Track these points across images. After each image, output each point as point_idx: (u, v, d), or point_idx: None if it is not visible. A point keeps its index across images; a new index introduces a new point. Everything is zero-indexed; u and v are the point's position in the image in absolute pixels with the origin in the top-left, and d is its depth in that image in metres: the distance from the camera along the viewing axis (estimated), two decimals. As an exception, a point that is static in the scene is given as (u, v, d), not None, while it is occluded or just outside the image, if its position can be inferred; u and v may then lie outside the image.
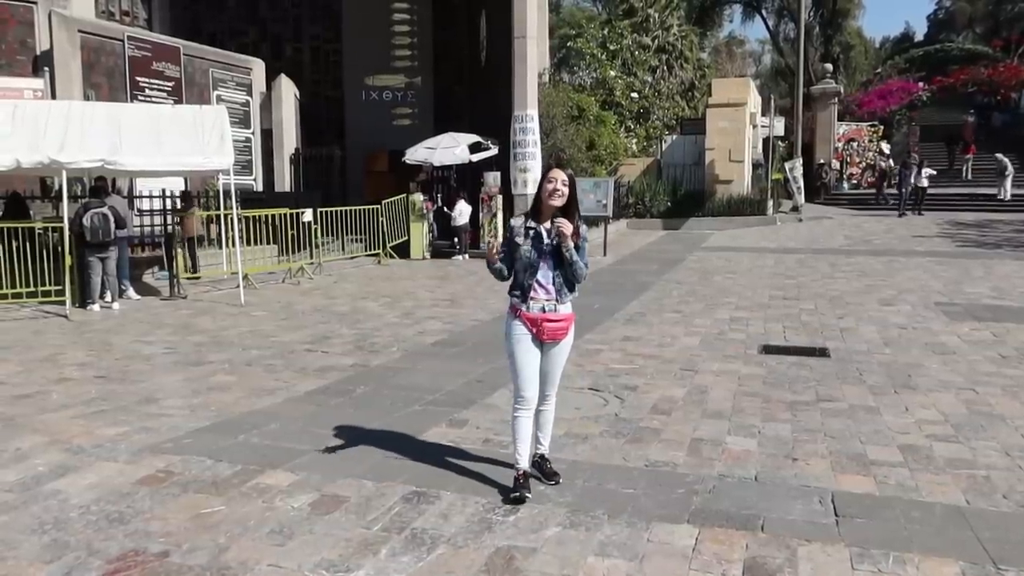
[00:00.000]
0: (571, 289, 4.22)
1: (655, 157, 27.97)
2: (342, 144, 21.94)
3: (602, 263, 16.12)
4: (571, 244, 4.06)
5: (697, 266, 15.42)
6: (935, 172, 26.55)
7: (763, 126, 27.28)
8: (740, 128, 24.50)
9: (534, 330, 4.16)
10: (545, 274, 4.16)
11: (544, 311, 4.15)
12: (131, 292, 11.92)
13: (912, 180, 25.25)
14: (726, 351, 7.86)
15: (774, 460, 4.79)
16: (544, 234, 4.14)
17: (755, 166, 27.13)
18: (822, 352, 7.76)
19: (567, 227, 4.04)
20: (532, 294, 4.16)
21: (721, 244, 19.64)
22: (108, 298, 11.12)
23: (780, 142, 29.19)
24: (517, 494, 4.14)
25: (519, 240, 4.19)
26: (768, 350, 7.89)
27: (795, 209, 25.77)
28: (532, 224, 4.18)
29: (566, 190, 4.10)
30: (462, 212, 17.62)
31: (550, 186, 4.10)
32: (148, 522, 3.98)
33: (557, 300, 4.16)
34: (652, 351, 7.87)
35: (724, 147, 24.50)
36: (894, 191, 26.62)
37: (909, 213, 24.92)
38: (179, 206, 14.20)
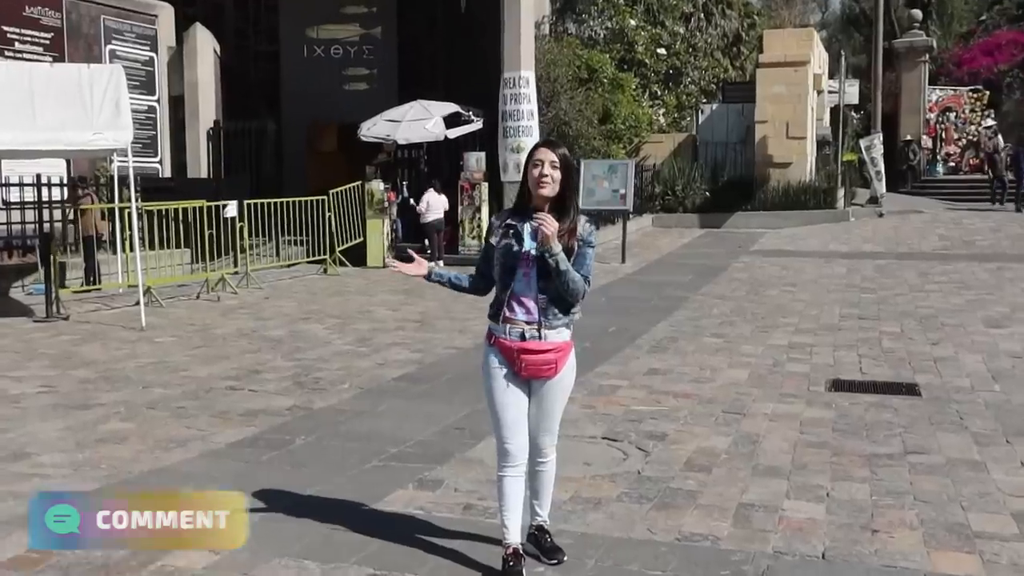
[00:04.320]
0: (565, 310, 4.12)
1: (689, 133, 28.07)
2: (277, 115, 21.97)
3: (620, 272, 16.11)
4: (556, 247, 3.97)
5: (745, 276, 15.44)
6: None
7: (831, 92, 27.44)
8: (801, 94, 24.63)
9: (511, 363, 4.14)
10: (526, 289, 4.09)
11: (524, 338, 4.09)
12: (-5, 311, 11.88)
13: None
14: (783, 388, 7.85)
15: (848, 532, 4.79)
16: (526, 234, 4.08)
17: (821, 144, 27.26)
18: (910, 389, 7.77)
19: (548, 224, 3.95)
20: (508, 314, 4.11)
21: (776, 247, 19.67)
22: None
23: (854, 113, 29.37)
24: (506, 581, 4.13)
25: (493, 241, 4.16)
26: (839, 387, 7.89)
27: (874, 200, 25.90)
28: (513, 221, 4.15)
29: (557, 174, 4.05)
30: (430, 205, 17.62)
31: (535, 171, 4.03)
32: (16, 618, 3.94)
33: (542, 324, 4.09)
34: (686, 388, 7.86)
35: (780, 120, 24.61)
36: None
37: None
38: (77, 193, 14.16)
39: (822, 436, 6.48)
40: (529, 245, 4.05)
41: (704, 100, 29.27)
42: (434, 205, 17.64)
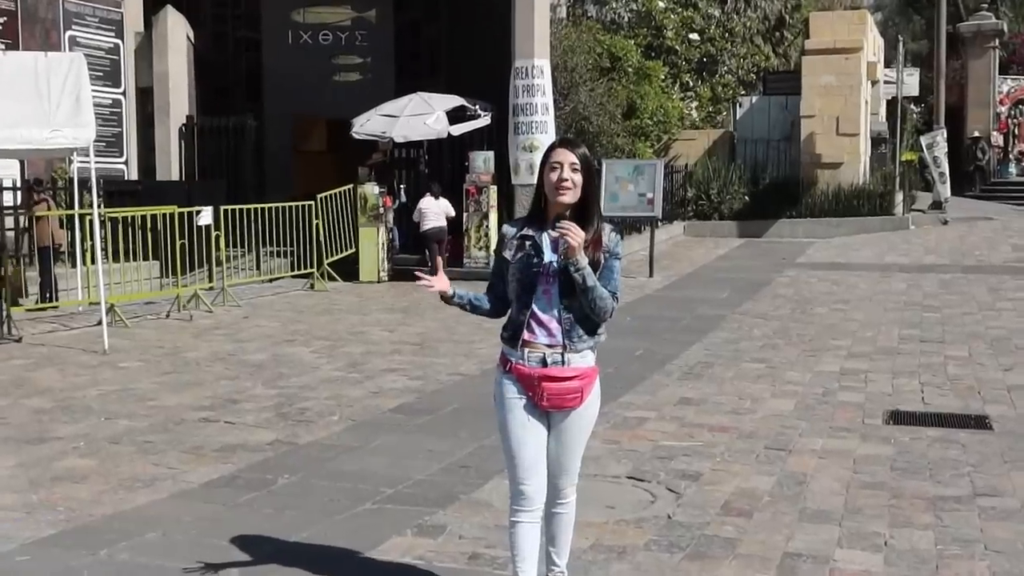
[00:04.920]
0: (591, 331, 4.14)
1: (726, 129, 28.06)
2: (258, 110, 22.04)
3: (647, 287, 16.09)
4: (582, 261, 3.98)
5: (789, 292, 15.42)
6: None
7: (887, 82, 27.42)
8: (853, 85, 24.65)
9: (530, 393, 4.14)
10: (547, 307, 4.09)
11: (545, 364, 4.09)
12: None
13: None
14: (834, 421, 7.84)
15: (909, 586, 4.77)
16: (545, 246, 4.10)
17: (876, 142, 27.26)
18: (980, 422, 7.75)
19: (573, 234, 3.95)
20: (527, 336, 4.11)
21: (826, 258, 19.63)
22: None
23: (913, 106, 29.32)
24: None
25: (508, 255, 4.16)
26: (898, 419, 7.88)
27: (937, 206, 25.87)
28: (530, 232, 4.16)
29: (578, 179, 4.05)
30: (425, 212, 17.60)
31: (553, 175, 4.04)
32: None
33: (566, 348, 4.09)
34: (723, 420, 7.86)
35: (829, 114, 24.61)
36: None
37: None
38: (31, 198, 14.18)
39: (879, 476, 6.45)
40: (550, 257, 4.06)
41: (743, 92, 29.30)
42: (430, 212, 17.59)
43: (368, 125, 18.57)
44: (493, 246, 16.55)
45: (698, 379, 9.41)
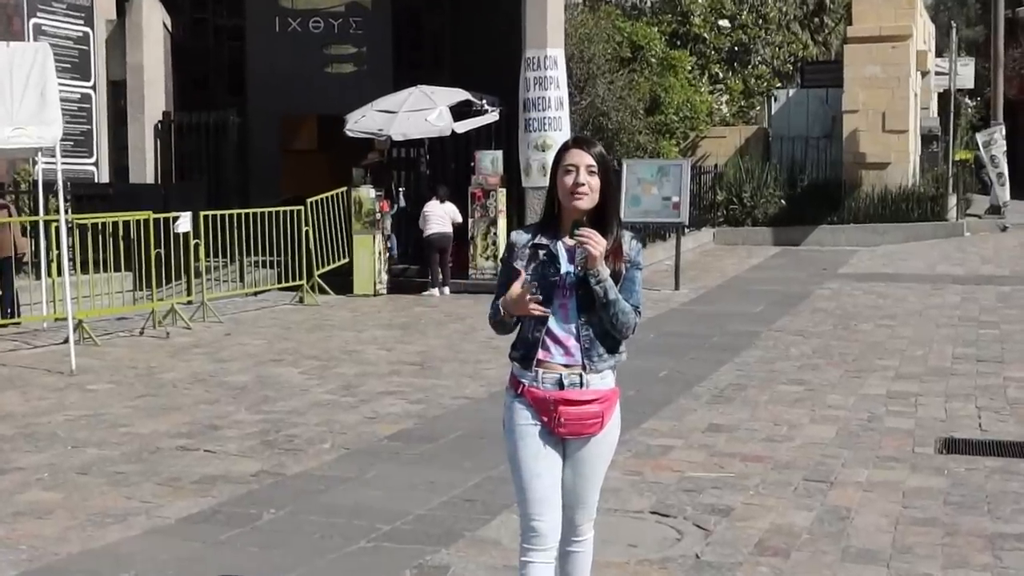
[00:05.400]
0: (611, 348, 4.14)
1: (759, 125, 28.05)
2: (241, 105, 22.09)
3: (673, 300, 16.07)
4: (604, 272, 3.99)
5: (831, 306, 15.39)
6: None
7: (939, 73, 27.40)
8: (901, 77, 24.64)
9: (545, 418, 4.13)
10: (564, 324, 4.08)
11: (562, 386, 4.08)
12: None
13: None
14: (881, 449, 7.80)
15: (965, 634, 4.75)
16: (562, 256, 4.11)
17: (926, 140, 27.22)
18: (1043, 451, 7.72)
19: (595, 243, 3.95)
20: (542, 356, 4.10)
21: (871, 269, 19.59)
22: None
23: (968, 99, 29.26)
24: None
25: (519, 266, 4.16)
26: (952, 447, 7.84)
27: (995, 210, 25.80)
28: (543, 240, 4.16)
29: (595, 181, 4.05)
30: (429, 216, 17.60)
31: (568, 179, 4.04)
32: None
33: (585, 368, 4.09)
34: (757, 449, 7.83)
35: (874, 108, 24.60)
36: None
37: None
38: None
39: (931, 510, 6.43)
40: (567, 268, 4.06)
41: (778, 84, 29.32)
42: (433, 216, 17.54)
43: (363, 122, 18.58)
44: (502, 255, 16.48)
45: (729, 403, 9.39)
